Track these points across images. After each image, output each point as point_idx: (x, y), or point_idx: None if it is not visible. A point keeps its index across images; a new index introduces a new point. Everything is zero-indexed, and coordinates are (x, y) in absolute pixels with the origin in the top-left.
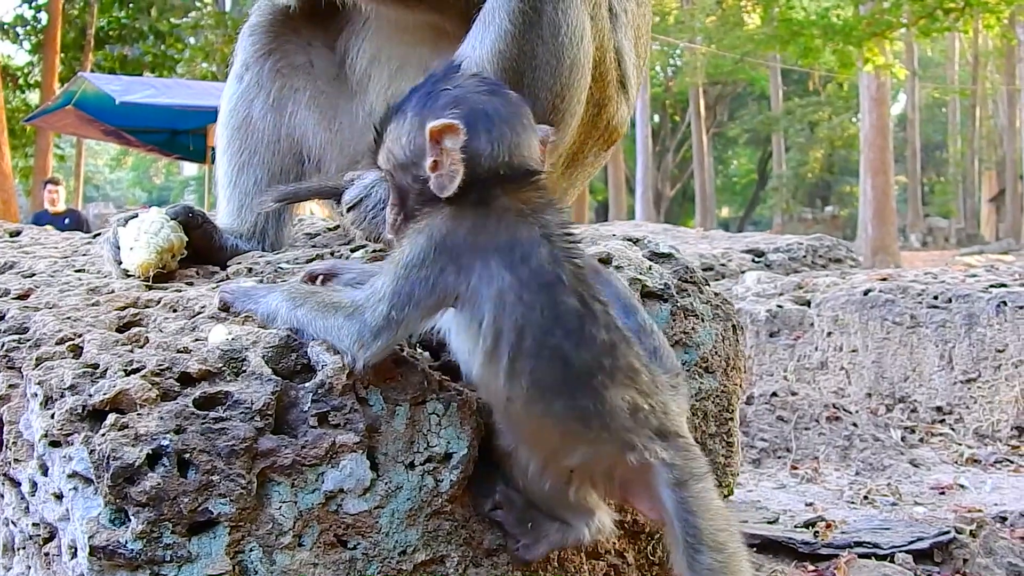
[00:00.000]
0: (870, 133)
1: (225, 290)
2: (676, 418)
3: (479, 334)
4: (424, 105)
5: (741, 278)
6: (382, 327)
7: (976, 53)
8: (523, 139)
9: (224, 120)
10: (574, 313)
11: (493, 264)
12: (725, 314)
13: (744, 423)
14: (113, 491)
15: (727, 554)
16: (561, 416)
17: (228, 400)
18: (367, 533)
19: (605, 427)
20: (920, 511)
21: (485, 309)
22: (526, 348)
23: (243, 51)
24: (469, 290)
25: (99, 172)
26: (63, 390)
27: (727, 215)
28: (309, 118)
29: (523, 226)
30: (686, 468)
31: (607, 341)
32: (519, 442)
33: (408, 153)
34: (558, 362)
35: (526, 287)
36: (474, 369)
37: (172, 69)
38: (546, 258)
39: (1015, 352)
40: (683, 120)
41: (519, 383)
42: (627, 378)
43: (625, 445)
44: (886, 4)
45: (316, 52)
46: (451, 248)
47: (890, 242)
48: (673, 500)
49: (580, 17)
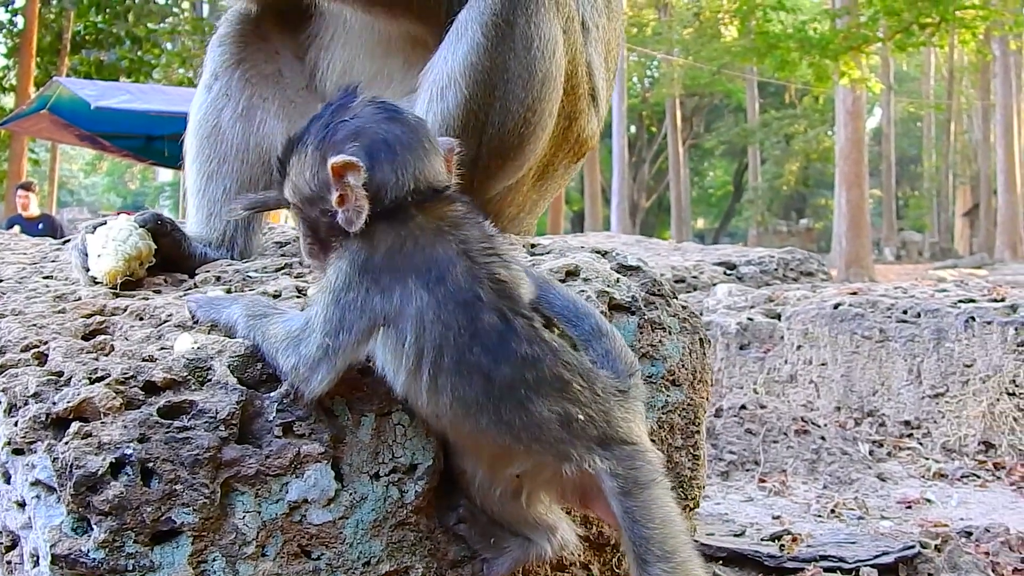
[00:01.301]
0: (845, 146)
1: (191, 300)
2: (622, 424)
3: (403, 353)
4: (323, 138)
5: (712, 291)
6: (319, 359)
7: (951, 68)
8: (426, 163)
9: (193, 129)
10: (493, 329)
11: (411, 284)
12: (692, 327)
13: (713, 436)
14: (76, 500)
15: (676, 563)
16: (490, 431)
17: (193, 409)
18: (331, 544)
19: (535, 439)
20: (886, 525)
21: (407, 329)
22: (445, 365)
23: (212, 61)
24: (394, 310)
25: (73, 177)
26: (27, 397)
27: (703, 227)
28: (278, 127)
29: (440, 244)
30: (629, 476)
31: (529, 355)
32: (462, 453)
33: (313, 188)
34: (478, 378)
35: (443, 306)
36: (398, 387)
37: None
38: (463, 276)
39: (983, 367)
40: (659, 131)
41: (442, 400)
42: (555, 390)
43: (560, 456)
44: (863, 18)
45: (285, 61)
46: (371, 270)
47: (864, 255)
48: (620, 509)
49: (553, 31)
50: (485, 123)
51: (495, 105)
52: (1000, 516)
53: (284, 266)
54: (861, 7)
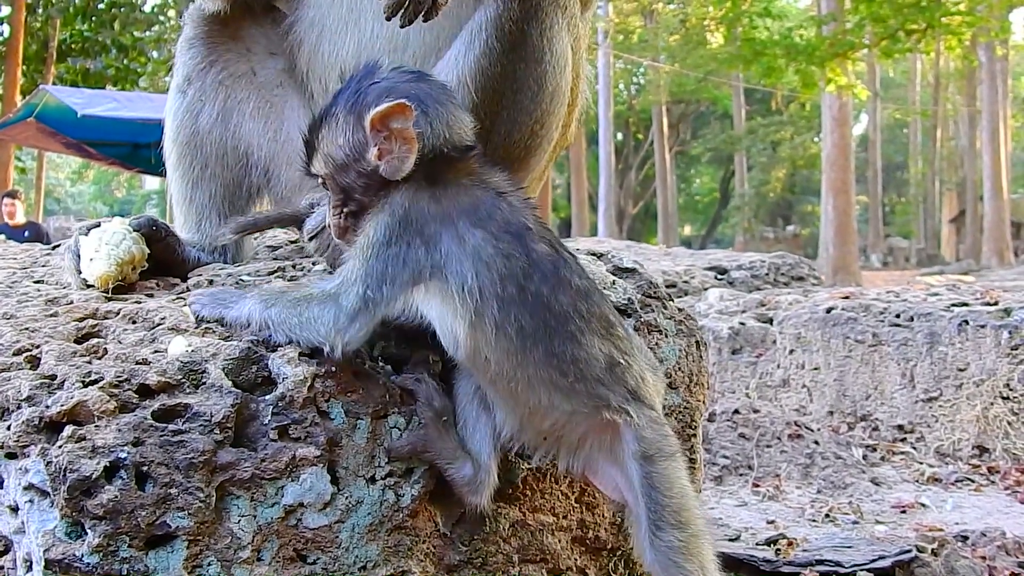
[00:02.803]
0: (832, 153)
1: (195, 298)
2: (652, 390)
3: (463, 295)
4: (355, 102)
5: (704, 295)
6: (359, 309)
7: (938, 74)
8: (457, 117)
9: (171, 135)
10: (547, 258)
11: (461, 226)
12: (688, 330)
13: (706, 440)
14: (70, 504)
15: (689, 533)
16: (541, 363)
17: (187, 412)
18: (327, 548)
19: (580, 377)
20: (881, 529)
21: (465, 269)
22: (509, 296)
23: (184, 65)
24: (443, 258)
25: (60, 185)
26: (20, 401)
27: (689, 233)
28: (255, 129)
29: (477, 189)
30: (655, 443)
31: (581, 287)
32: (498, 404)
33: (349, 151)
34: (539, 307)
35: (499, 238)
36: (460, 333)
37: (135, 82)
38: (508, 211)
39: (976, 371)
40: (646, 138)
41: (505, 334)
42: (602, 328)
43: (599, 401)
44: (849, 25)
45: (257, 60)
46: (415, 221)
47: (851, 261)
48: (639, 474)
49: (563, 47)
50: (491, 131)
51: (502, 114)
52: (995, 520)
53: (277, 269)
54: (847, 13)
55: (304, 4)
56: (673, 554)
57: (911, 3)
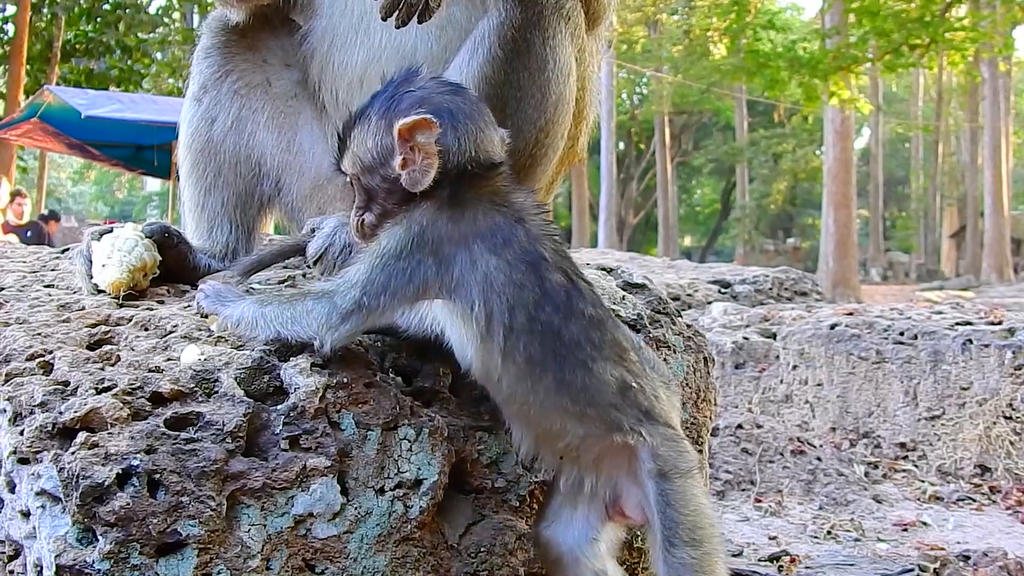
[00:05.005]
0: (833, 166)
1: (204, 287)
2: (667, 406)
3: (472, 319)
4: (388, 108)
5: (707, 309)
6: (351, 311)
7: (940, 89)
8: (486, 134)
9: (186, 143)
10: (561, 288)
11: (476, 249)
12: (697, 346)
13: (708, 455)
14: (81, 510)
15: (703, 552)
16: (552, 390)
17: (199, 421)
18: (335, 558)
19: (592, 403)
20: (883, 547)
21: (474, 294)
22: (518, 325)
23: (200, 73)
24: (454, 280)
25: (61, 185)
26: (33, 407)
27: (690, 244)
28: (268, 139)
29: (498, 210)
30: (670, 460)
31: (594, 316)
32: (513, 423)
33: (376, 155)
34: (549, 336)
35: (513, 267)
36: (469, 353)
37: (139, 84)
38: (525, 239)
39: (979, 390)
40: (648, 148)
41: (513, 360)
42: (615, 354)
43: (612, 424)
44: (852, 39)
45: (273, 71)
46: (431, 240)
47: (851, 275)
48: (655, 491)
49: (567, 56)
50: None
51: (506, 123)
52: (996, 540)
53: (287, 278)
54: (851, 27)
55: (317, 15)
56: (685, 571)
57: (915, 18)
